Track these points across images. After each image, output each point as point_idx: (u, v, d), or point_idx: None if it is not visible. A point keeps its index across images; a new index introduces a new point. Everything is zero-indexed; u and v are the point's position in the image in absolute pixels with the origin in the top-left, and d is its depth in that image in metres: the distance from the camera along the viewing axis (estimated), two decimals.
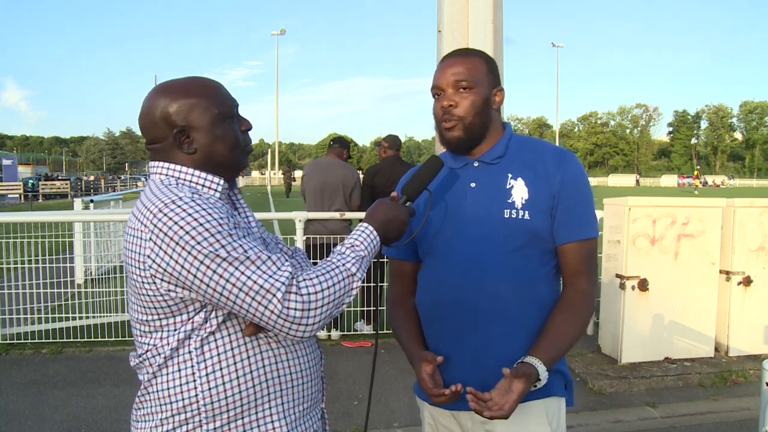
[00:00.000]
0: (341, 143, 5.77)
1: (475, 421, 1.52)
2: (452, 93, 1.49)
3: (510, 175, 1.49)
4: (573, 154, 1.57)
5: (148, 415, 1.25)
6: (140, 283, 1.18)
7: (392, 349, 5.03)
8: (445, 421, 1.60)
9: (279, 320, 1.12)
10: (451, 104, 1.49)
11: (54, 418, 3.63)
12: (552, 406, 1.51)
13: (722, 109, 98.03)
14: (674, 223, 4.48)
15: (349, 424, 3.59)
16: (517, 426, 1.47)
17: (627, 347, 4.45)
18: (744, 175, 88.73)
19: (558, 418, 1.53)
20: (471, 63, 1.51)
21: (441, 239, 1.54)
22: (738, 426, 3.66)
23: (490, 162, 1.52)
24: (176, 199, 1.15)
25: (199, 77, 1.30)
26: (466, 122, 1.49)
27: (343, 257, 1.25)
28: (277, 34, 57.72)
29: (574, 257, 1.49)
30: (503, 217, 1.46)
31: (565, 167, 1.49)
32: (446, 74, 1.50)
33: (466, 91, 1.48)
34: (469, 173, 1.54)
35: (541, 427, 1.48)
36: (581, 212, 1.49)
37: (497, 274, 1.45)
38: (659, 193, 35.69)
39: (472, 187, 1.52)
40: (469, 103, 1.48)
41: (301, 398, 1.30)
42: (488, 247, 1.46)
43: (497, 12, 3.76)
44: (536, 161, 1.51)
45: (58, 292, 5.46)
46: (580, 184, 1.51)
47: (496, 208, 1.47)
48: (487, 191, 1.50)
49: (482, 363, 1.47)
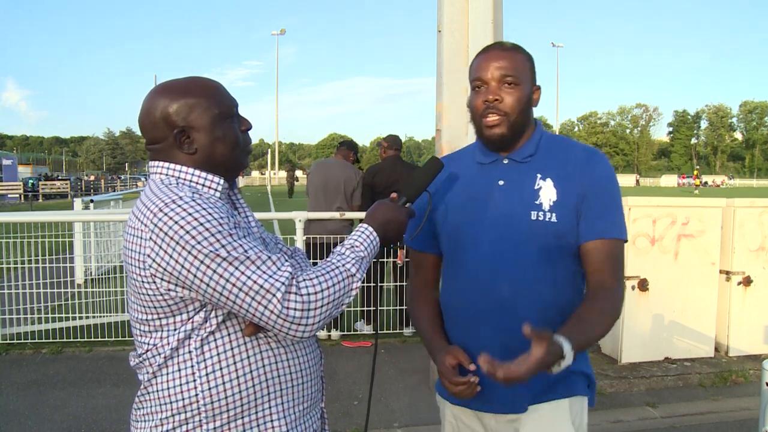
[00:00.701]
0: (349, 146, 5.79)
1: (499, 420, 1.50)
2: (496, 87, 1.44)
3: (539, 175, 1.45)
4: (602, 154, 1.52)
5: (148, 414, 1.25)
6: (140, 283, 1.18)
7: (392, 349, 5.03)
8: (468, 420, 1.58)
9: (279, 320, 1.12)
10: (497, 98, 1.43)
11: (54, 418, 3.63)
12: (576, 406, 1.49)
13: (722, 109, 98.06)
14: (674, 223, 4.48)
15: (349, 424, 3.59)
16: (542, 424, 1.46)
17: (627, 347, 4.45)
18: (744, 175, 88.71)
19: (581, 417, 1.51)
20: (516, 58, 1.46)
21: (465, 236, 1.50)
22: (738, 426, 3.66)
23: (521, 160, 1.48)
24: (176, 199, 1.15)
25: (199, 77, 1.30)
26: (511, 119, 1.44)
27: (343, 258, 1.25)
28: (277, 34, 57.72)
29: (599, 256, 1.42)
30: (530, 219, 1.42)
31: (593, 167, 1.45)
32: (491, 66, 1.44)
33: (511, 86, 1.44)
34: (498, 170, 1.50)
35: (566, 425, 1.46)
36: (607, 212, 1.44)
37: (521, 275, 1.42)
38: (659, 193, 35.68)
39: (500, 185, 1.48)
40: (515, 100, 1.44)
41: (300, 398, 1.30)
42: (513, 248, 1.43)
43: (497, 12, 3.76)
44: (566, 161, 1.47)
45: (58, 292, 5.46)
46: (608, 184, 1.46)
47: (523, 208, 1.43)
48: (515, 191, 1.46)
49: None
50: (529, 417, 1.47)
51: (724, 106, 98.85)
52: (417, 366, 4.51)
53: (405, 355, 4.84)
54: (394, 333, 5.41)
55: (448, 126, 3.80)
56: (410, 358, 4.75)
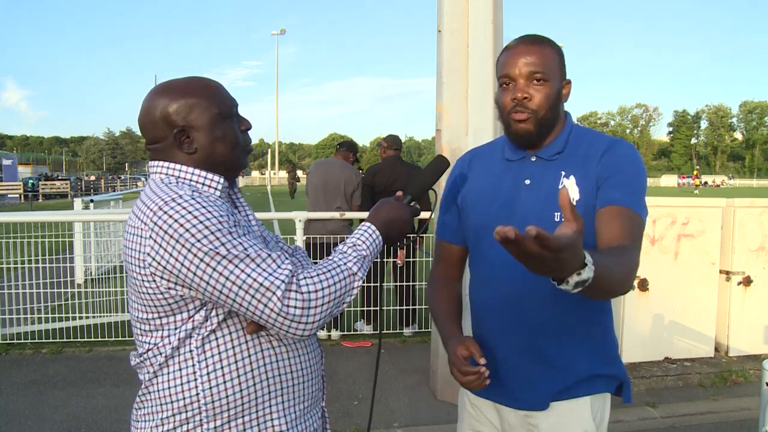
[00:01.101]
0: (348, 147, 5.76)
1: (519, 415, 1.49)
2: (525, 84, 1.40)
3: (563, 172, 1.42)
4: (628, 143, 1.45)
5: (149, 414, 1.25)
6: (140, 282, 1.18)
7: (392, 349, 5.03)
8: (486, 411, 1.56)
9: (279, 318, 1.12)
10: (526, 96, 1.39)
11: (54, 418, 3.63)
12: (597, 403, 1.48)
13: (722, 109, 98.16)
14: (674, 223, 4.48)
15: (349, 424, 3.59)
16: (562, 421, 1.45)
17: (627, 347, 4.45)
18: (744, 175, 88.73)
19: (602, 413, 1.49)
20: (544, 52, 1.41)
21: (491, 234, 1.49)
22: (738, 426, 3.66)
23: (548, 158, 1.45)
24: (176, 197, 1.15)
25: (198, 77, 1.30)
26: (539, 116, 1.40)
27: (345, 256, 1.25)
28: (277, 34, 57.64)
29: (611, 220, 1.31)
30: (554, 220, 1.37)
31: (612, 152, 1.40)
32: (518, 63, 1.39)
33: (540, 83, 1.39)
34: (525, 168, 1.47)
35: (586, 423, 1.45)
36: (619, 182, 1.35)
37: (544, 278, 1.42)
38: (659, 193, 35.63)
39: (526, 184, 1.45)
40: (544, 97, 1.39)
41: (301, 397, 1.30)
42: None
43: (497, 12, 3.76)
44: (587, 157, 1.42)
45: (58, 292, 5.46)
46: (627, 163, 1.39)
47: (547, 209, 1.40)
48: (541, 190, 1.43)
49: (528, 364, 1.44)
50: (548, 414, 1.46)
51: (724, 106, 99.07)
52: (417, 366, 4.51)
53: (405, 355, 4.84)
54: (394, 333, 5.41)
55: (448, 126, 3.80)
56: (410, 358, 4.75)
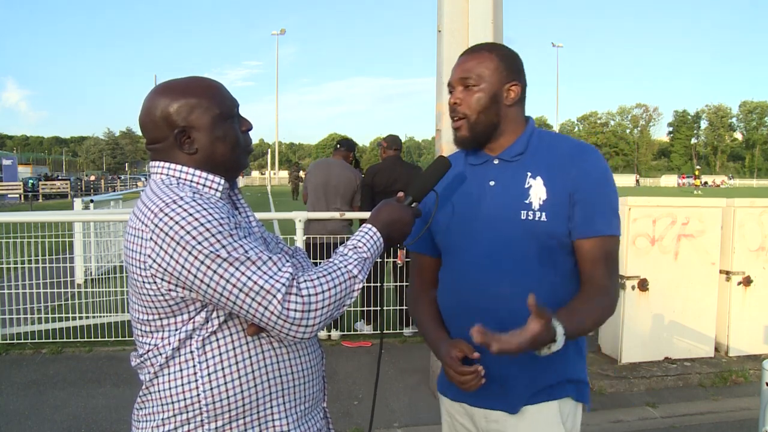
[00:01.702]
0: (347, 146, 5.74)
1: (489, 420, 1.50)
2: (459, 90, 1.47)
3: (529, 173, 1.45)
4: (593, 149, 1.50)
5: (150, 415, 1.25)
6: (141, 283, 1.18)
7: (392, 349, 5.03)
8: (461, 418, 1.59)
9: (279, 321, 1.12)
10: (456, 102, 1.47)
11: (54, 418, 3.63)
12: (567, 407, 1.49)
13: (722, 109, 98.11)
14: (674, 223, 4.48)
15: (349, 424, 3.59)
16: (530, 425, 1.46)
17: (627, 347, 4.45)
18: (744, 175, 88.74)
19: (573, 420, 1.51)
20: (480, 58, 1.47)
21: (458, 238, 1.51)
22: (738, 426, 3.66)
23: (510, 159, 1.48)
24: (177, 199, 1.15)
25: (199, 77, 1.30)
26: (471, 120, 1.46)
27: (345, 258, 1.24)
28: (277, 34, 57.74)
29: (590, 253, 1.41)
30: (520, 218, 1.42)
31: (580, 162, 1.44)
32: (456, 71, 1.49)
33: (471, 88, 1.46)
34: (488, 171, 1.50)
35: (555, 427, 1.46)
36: (597, 208, 1.42)
37: (514, 276, 1.42)
38: (659, 193, 35.68)
39: (491, 185, 1.48)
40: (474, 100, 1.45)
41: (302, 397, 1.30)
42: (504, 249, 1.43)
43: (497, 12, 3.76)
44: (555, 158, 1.45)
45: (58, 292, 5.46)
46: (598, 178, 1.44)
47: (513, 208, 1.43)
48: (506, 191, 1.46)
49: (502, 365, 1.45)
50: (517, 418, 1.47)
51: (724, 106, 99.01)
52: (417, 366, 4.51)
53: (405, 355, 4.84)
54: (394, 333, 5.41)
55: (448, 126, 3.75)
56: (410, 358, 4.75)
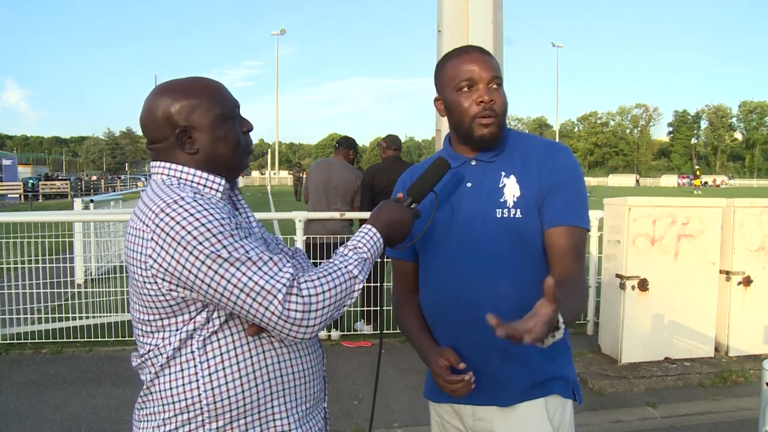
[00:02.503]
0: (348, 145, 5.72)
1: (476, 418, 1.52)
2: (485, 88, 1.46)
3: (503, 173, 1.49)
4: (564, 147, 1.54)
5: (151, 415, 1.25)
6: (142, 283, 1.18)
7: (392, 349, 5.03)
8: (449, 418, 1.61)
9: (279, 321, 1.12)
10: (492, 99, 1.45)
11: (54, 418, 3.63)
12: (553, 404, 1.50)
13: (722, 109, 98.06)
14: (674, 223, 4.49)
15: (349, 424, 3.59)
16: (517, 423, 1.47)
17: (627, 347, 4.45)
18: (744, 175, 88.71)
19: (561, 415, 1.51)
20: (495, 60, 1.51)
21: (438, 239, 1.53)
22: (738, 426, 3.66)
23: (487, 160, 1.51)
24: (178, 199, 1.15)
25: (200, 77, 1.30)
26: (501, 120, 1.48)
27: (346, 259, 1.25)
28: (277, 34, 57.71)
29: (560, 242, 1.42)
30: (496, 216, 1.45)
31: (553, 159, 1.47)
32: (481, 68, 1.46)
33: (500, 88, 1.48)
34: (466, 172, 1.53)
35: (542, 423, 1.47)
36: (568, 200, 1.44)
37: (494, 274, 1.44)
38: (659, 193, 35.70)
39: (468, 186, 1.51)
40: (504, 100, 1.48)
41: (303, 397, 1.31)
42: (483, 248, 1.46)
43: (497, 12, 3.76)
44: (528, 157, 1.49)
45: (58, 292, 5.46)
46: (566, 172, 1.47)
47: (489, 207, 1.46)
48: (482, 190, 1.49)
49: (487, 362, 1.47)
50: (504, 415, 1.49)
51: (724, 106, 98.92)
52: (417, 366, 4.50)
53: (405, 355, 4.84)
54: (394, 333, 5.41)
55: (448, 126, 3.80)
56: (410, 358, 4.74)
